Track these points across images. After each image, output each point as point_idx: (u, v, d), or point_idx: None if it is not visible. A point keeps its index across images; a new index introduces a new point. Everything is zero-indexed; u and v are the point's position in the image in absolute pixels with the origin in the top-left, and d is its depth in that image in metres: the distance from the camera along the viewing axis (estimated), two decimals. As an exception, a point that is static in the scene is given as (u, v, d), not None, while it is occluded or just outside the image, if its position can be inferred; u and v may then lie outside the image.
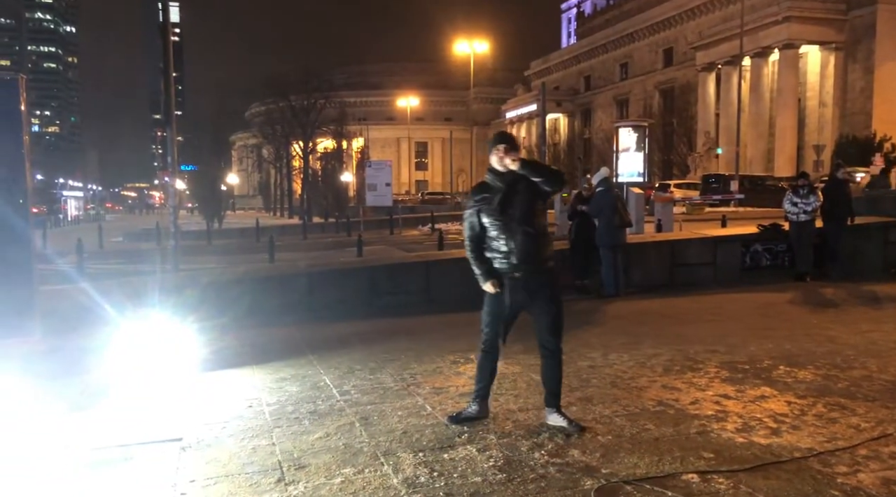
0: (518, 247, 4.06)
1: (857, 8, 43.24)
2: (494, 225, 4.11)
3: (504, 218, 4.07)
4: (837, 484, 3.39)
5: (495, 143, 4.13)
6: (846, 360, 5.84)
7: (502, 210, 4.06)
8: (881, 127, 40.50)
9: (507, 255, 4.10)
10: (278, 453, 3.99)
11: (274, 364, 6.13)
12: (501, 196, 4.07)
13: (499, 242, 4.12)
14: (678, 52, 59.15)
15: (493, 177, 4.15)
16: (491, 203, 4.09)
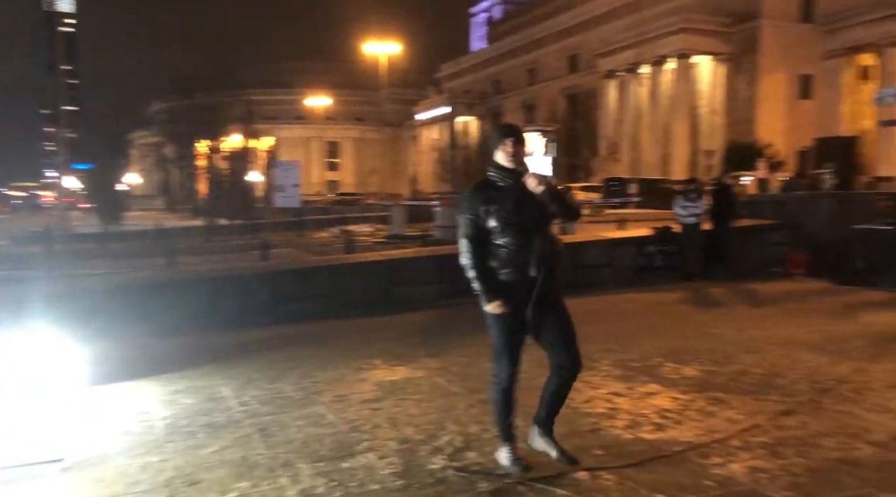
0: (537, 255, 3.50)
1: (743, 22, 46.19)
2: (508, 230, 3.52)
3: (521, 222, 3.51)
4: (711, 474, 3.64)
5: (501, 137, 3.63)
6: (726, 355, 6.24)
7: (519, 212, 3.51)
8: (765, 134, 43.50)
9: (524, 265, 3.52)
10: (170, 469, 3.87)
11: (169, 375, 5.92)
12: (517, 196, 3.53)
13: (511, 250, 3.53)
14: (583, 58, 61.21)
15: (501, 174, 3.61)
16: (503, 204, 3.52)
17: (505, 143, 3.60)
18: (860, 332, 7.23)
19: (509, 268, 3.55)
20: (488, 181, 3.67)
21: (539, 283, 3.53)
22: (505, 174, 3.61)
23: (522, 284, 3.54)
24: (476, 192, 3.65)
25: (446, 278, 10.24)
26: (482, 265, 3.59)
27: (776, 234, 12.55)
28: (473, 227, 3.59)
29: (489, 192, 3.60)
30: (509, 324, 3.60)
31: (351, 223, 29.90)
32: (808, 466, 3.72)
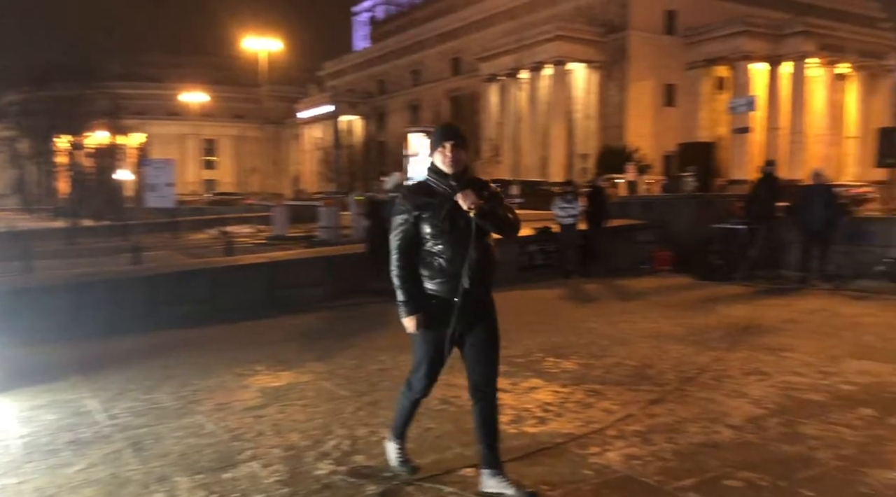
0: (471, 266, 3.28)
1: (613, 32, 48.80)
2: (441, 238, 3.30)
3: (455, 230, 3.29)
4: (590, 463, 3.82)
5: (440, 140, 3.36)
6: (602, 349, 6.57)
7: (453, 220, 3.29)
8: (633, 139, 46.18)
9: (455, 276, 3.30)
10: (30, 492, 3.58)
11: (29, 390, 5.46)
12: (451, 204, 3.28)
13: (444, 259, 3.32)
14: (465, 62, 62.28)
15: (438, 179, 3.36)
16: (438, 211, 3.28)
17: (444, 146, 3.33)
18: (718, 323, 7.83)
19: (441, 278, 3.33)
20: (425, 184, 3.41)
21: (470, 296, 3.32)
22: (441, 179, 3.35)
23: (453, 296, 3.31)
24: (410, 195, 3.41)
25: (332, 280, 10.12)
26: (408, 274, 3.36)
27: (644, 233, 13.36)
28: (404, 233, 3.36)
29: (424, 197, 3.35)
30: (433, 337, 3.41)
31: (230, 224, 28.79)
32: (676, 451, 3.99)
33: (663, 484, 3.54)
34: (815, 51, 47.52)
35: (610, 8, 49.28)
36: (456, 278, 3.30)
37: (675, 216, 13.61)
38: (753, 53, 47.09)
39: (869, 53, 50.98)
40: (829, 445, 4.02)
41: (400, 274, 3.39)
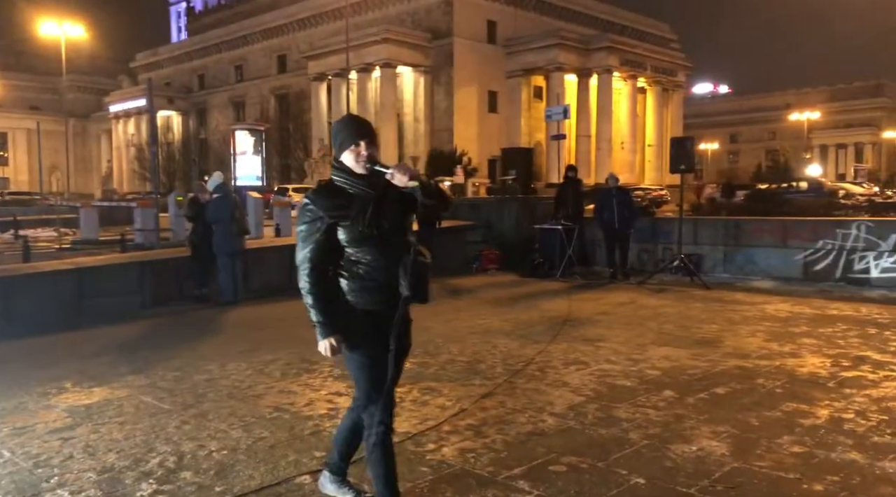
0: (405, 271, 2.88)
1: (439, 38, 50.21)
2: (367, 244, 2.88)
3: (380, 235, 2.87)
4: (426, 460, 3.89)
5: (353, 138, 2.93)
6: (436, 347, 6.73)
7: (377, 224, 2.86)
8: (461, 143, 47.81)
9: (388, 286, 2.89)
10: None
11: None
12: (374, 206, 2.87)
13: (373, 268, 2.89)
14: (292, 59, 60.84)
15: (351, 180, 2.92)
16: (361, 214, 2.85)
17: (359, 145, 2.93)
18: (541, 317, 8.33)
19: (373, 289, 2.90)
20: (334, 186, 2.96)
21: (402, 308, 2.95)
22: (355, 180, 2.93)
23: (386, 308, 2.91)
24: (319, 198, 2.93)
25: (150, 287, 9.42)
26: (321, 290, 2.91)
27: (473, 233, 13.88)
28: (316, 243, 2.90)
29: (337, 199, 2.90)
30: (374, 359, 2.93)
31: (27, 227, 25.77)
32: (506, 441, 4.17)
33: (495, 475, 3.69)
34: (618, 65, 52.15)
35: (435, 15, 50.63)
36: (390, 288, 2.90)
37: (500, 217, 14.27)
38: (566, 65, 50.68)
39: (663, 70, 56.95)
40: (639, 426, 4.41)
41: (312, 290, 2.91)
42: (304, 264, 2.94)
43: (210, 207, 9.64)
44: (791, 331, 7.35)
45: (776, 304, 9.13)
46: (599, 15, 59.66)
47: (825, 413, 4.64)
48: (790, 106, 77.64)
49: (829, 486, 3.49)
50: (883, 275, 10.19)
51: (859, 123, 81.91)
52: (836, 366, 5.86)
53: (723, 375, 5.59)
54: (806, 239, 10.99)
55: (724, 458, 3.86)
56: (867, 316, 8.18)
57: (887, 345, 6.64)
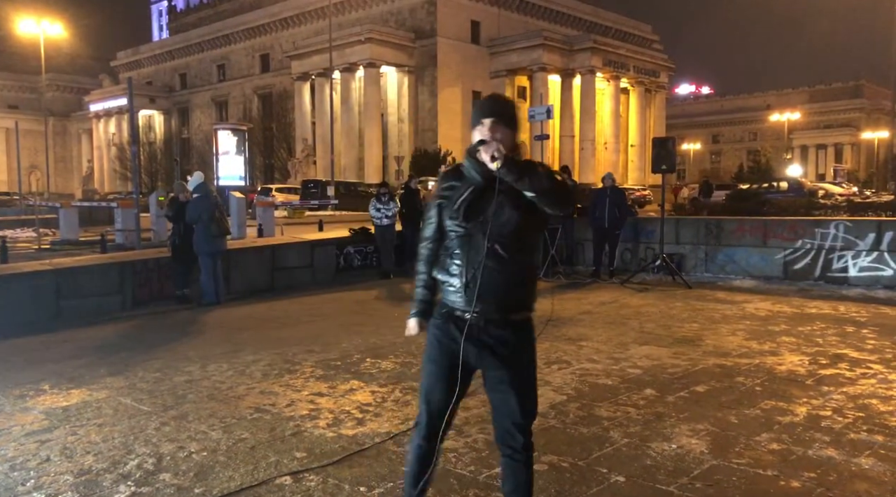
0: (478, 272, 2.52)
1: (423, 38, 50.21)
2: (455, 234, 2.59)
3: (468, 226, 2.54)
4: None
5: (482, 115, 2.60)
6: (418, 347, 6.66)
7: (467, 215, 2.54)
8: (445, 142, 47.83)
9: (460, 282, 2.56)
10: None
11: None
12: (471, 193, 2.55)
13: (454, 261, 2.59)
14: (275, 59, 60.58)
15: (472, 163, 2.56)
16: (453, 199, 2.58)
17: (483, 123, 2.59)
18: (525, 317, 8.34)
19: (449, 283, 2.61)
20: (457, 169, 2.68)
21: (480, 314, 2.55)
22: (476, 164, 2.55)
23: (461, 308, 2.58)
24: (441, 179, 2.71)
25: (130, 287, 9.34)
26: (426, 268, 2.73)
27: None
28: (427, 225, 2.71)
29: (451, 182, 2.63)
30: (439, 353, 2.66)
31: (6, 228, 25.43)
32: (488, 441, 4.16)
33: (476, 474, 3.69)
34: (601, 66, 52.45)
35: (419, 14, 50.63)
36: (465, 285, 2.55)
37: (484, 217, 14.28)
38: (549, 66, 50.89)
39: (645, 71, 57.36)
40: (619, 425, 4.44)
41: (419, 267, 2.77)
42: (421, 242, 2.77)
43: (190, 207, 9.56)
44: (771, 329, 7.42)
45: (756, 302, 9.22)
46: (582, 16, 59.99)
47: (803, 410, 4.69)
48: (771, 107, 78.48)
49: (806, 482, 3.53)
50: (861, 274, 10.33)
51: (839, 124, 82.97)
52: (814, 364, 5.93)
53: (703, 374, 5.64)
54: (786, 238, 11.10)
55: (703, 456, 3.89)
56: (845, 314, 8.28)
57: (864, 343, 6.73)
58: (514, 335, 2.63)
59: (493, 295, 2.54)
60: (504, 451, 2.71)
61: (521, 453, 2.69)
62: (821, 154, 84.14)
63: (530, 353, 2.71)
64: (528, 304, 2.67)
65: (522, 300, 2.64)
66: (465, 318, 2.57)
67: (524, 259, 2.59)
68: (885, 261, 10.16)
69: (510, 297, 2.58)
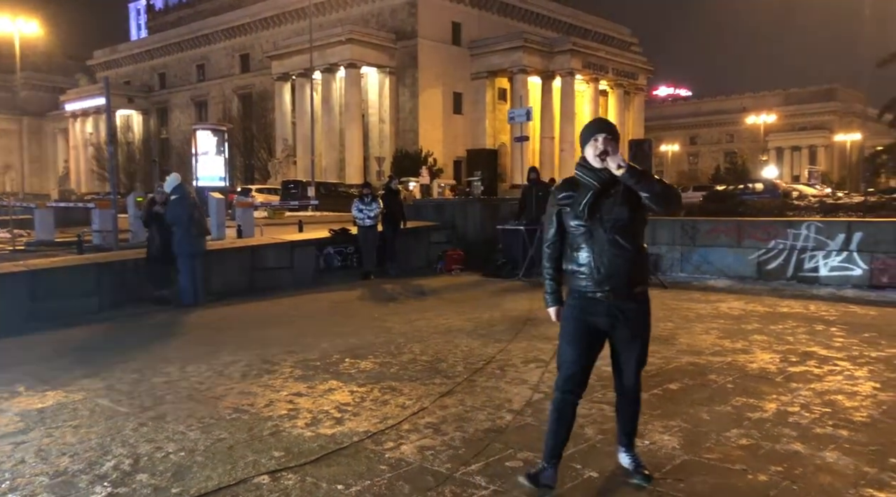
0: (604, 259, 3.26)
1: (403, 39, 50.20)
2: (579, 231, 3.31)
3: (591, 223, 3.27)
4: (385, 459, 3.93)
5: (592, 133, 3.31)
6: (398, 347, 6.77)
7: (591, 213, 3.26)
8: (426, 144, 47.88)
9: (590, 269, 3.29)
10: None
11: None
12: (592, 196, 3.27)
13: (581, 253, 3.32)
14: (255, 58, 60.21)
15: (584, 172, 3.33)
16: (577, 203, 3.30)
17: (596, 139, 3.28)
18: (503, 317, 8.44)
19: (578, 271, 3.34)
20: (571, 179, 3.42)
21: (608, 292, 3.29)
22: (588, 172, 3.33)
23: (590, 290, 3.33)
24: (557, 189, 3.47)
25: (108, 288, 9.28)
26: (554, 265, 3.49)
27: (437, 234, 13.94)
28: (551, 227, 3.47)
29: (569, 190, 3.38)
30: (575, 328, 3.41)
31: (-20, 228, 24.99)
32: (465, 439, 4.24)
33: (453, 471, 3.74)
34: (580, 68, 52.79)
35: (399, 15, 50.61)
36: (592, 270, 3.30)
37: (464, 218, 14.36)
38: (530, 67, 51.12)
39: (624, 73, 57.82)
40: (594, 421, 4.52)
41: (546, 266, 3.53)
42: (544, 245, 3.55)
43: (169, 209, 9.52)
44: (743, 328, 7.57)
45: (730, 302, 9.38)
46: (562, 18, 60.33)
47: (772, 407, 4.81)
48: (747, 109, 79.45)
49: (773, 476, 3.63)
50: (831, 273, 10.55)
51: (813, 126, 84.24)
52: (784, 361, 6.06)
53: (676, 372, 5.75)
54: (759, 239, 11.30)
55: (675, 452, 3.98)
56: (815, 313, 8.46)
57: (832, 341, 6.89)
58: (637, 304, 3.39)
59: (617, 275, 3.27)
60: (621, 392, 3.59)
61: (634, 392, 3.57)
62: (795, 156, 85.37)
63: (648, 318, 3.47)
64: (644, 280, 3.42)
65: (640, 276, 3.38)
66: (598, 298, 3.32)
67: (637, 245, 3.32)
68: (854, 261, 10.38)
69: (631, 275, 3.30)
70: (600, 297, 3.31)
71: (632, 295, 3.33)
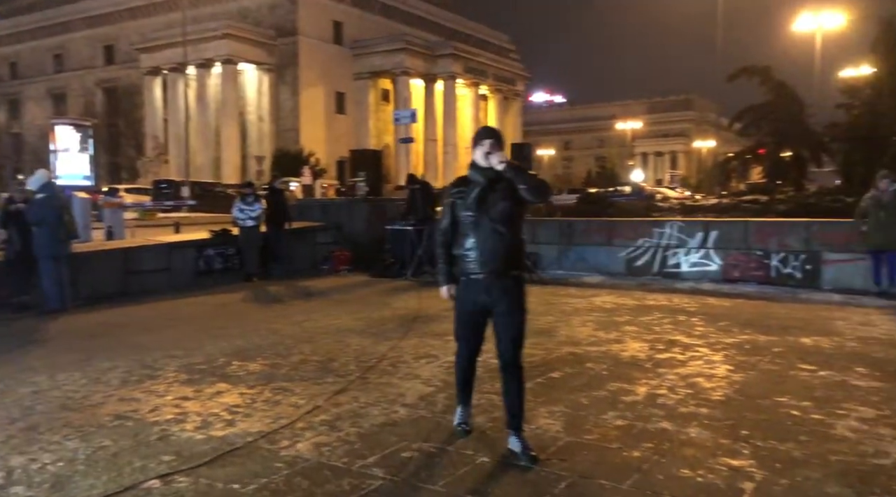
0: (484, 245, 3.80)
1: (283, 36, 49.11)
2: (467, 220, 3.86)
3: (478, 214, 3.82)
4: (281, 457, 3.93)
5: (481, 138, 3.91)
6: (287, 348, 6.70)
7: (478, 205, 3.82)
8: (308, 143, 47.09)
9: (475, 254, 3.83)
10: None
11: None
12: (479, 191, 3.83)
13: (468, 239, 3.86)
14: (121, 51, 56.69)
15: (474, 171, 3.91)
16: (467, 196, 3.86)
17: (483, 144, 3.86)
18: (392, 315, 8.54)
19: (465, 255, 3.88)
20: (464, 177, 3.99)
21: (486, 274, 3.83)
22: (477, 171, 3.90)
23: (473, 271, 3.87)
24: (451, 185, 4.05)
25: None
26: (445, 250, 4.04)
27: (323, 234, 13.82)
28: (445, 218, 4.01)
29: (461, 186, 3.94)
30: (460, 304, 4.03)
31: None
32: (360, 434, 4.31)
33: (350, 465, 3.81)
34: (462, 72, 53.92)
35: (279, 12, 49.46)
36: (475, 254, 3.84)
37: (351, 218, 14.33)
38: (412, 70, 51.57)
39: (503, 78, 59.66)
40: (484, 411, 4.73)
41: (439, 252, 4.09)
42: (438, 233, 4.08)
43: (34, 208, 8.86)
44: (616, 320, 8.12)
45: (603, 296, 10.00)
46: (444, 22, 61.30)
47: (643, 390, 5.23)
48: (616, 116, 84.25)
49: (645, 451, 3.98)
50: (691, 269, 11.50)
51: (673, 133, 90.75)
52: (652, 349, 6.59)
53: (558, 361, 6.10)
54: (629, 238, 12.12)
55: (559, 434, 4.26)
56: (678, 305, 9.21)
57: (693, 330, 7.55)
58: (514, 284, 3.91)
59: (497, 259, 3.81)
60: (504, 366, 3.99)
61: (514, 367, 3.97)
62: (659, 161, 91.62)
63: (523, 298, 3.95)
64: (519, 265, 3.97)
65: (515, 261, 3.92)
66: (480, 279, 3.85)
67: (514, 234, 3.88)
68: (710, 257, 11.38)
69: (508, 259, 3.85)
70: (482, 278, 3.85)
71: (509, 276, 3.88)
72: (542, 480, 3.60)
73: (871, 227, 9.62)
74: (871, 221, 9.63)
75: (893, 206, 9.54)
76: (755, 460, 3.83)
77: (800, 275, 10.63)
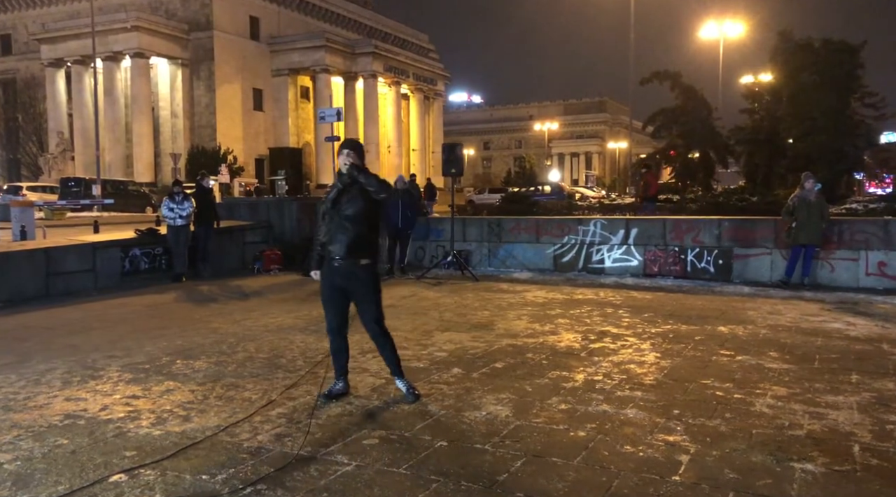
0: (338, 236, 4.69)
1: (197, 31, 47.59)
2: (327, 216, 4.77)
3: (333, 211, 4.71)
4: (245, 448, 4.02)
5: (342, 148, 4.79)
6: (230, 346, 6.70)
7: (333, 204, 4.72)
8: (225, 141, 45.88)
9: (331, 244, 4.73)
10: None
11: None
12: (336, 192, 4.73)
13: (328, 232, 4.75)
14: (19, 40, 53.44)
15: (337, 176, 4.81)
16: (329, 196, 4.77)
17: (342, 153, 4.76)
18: (331, 313, 8.61)
19: (327, 244, 4.78)
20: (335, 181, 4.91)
21: (339, 262, 4.73)
22: (339, 176, 4.78)
23: (331, 258, 4.78)
24: (330, 188, 4.88)
25: None
26: (317, 241, 4.90)
27: (253, 233, 13.66)
28: (318, 214, 5.01)
29: (328, 188, 4.93)
30: (323, 288, 4.92)
31: None
32: (319, 424, 4.43)
33: (314, 453, 3.94)
34: (382, 71, 53.83)
35: (192, 6, 47.93)
36: (332, 245, 4.75)
37: (280, 217, 14.22)
38: (332, 68, 51.06)
39: (424, 78, 59.95)
40: (436, 400, 4.95)
41: (314, 242, 4.97)
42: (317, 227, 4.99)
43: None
44: (548, 313, 8.51)
45: (534, 291, 10.41)
46: (363, 20, 61.01)
47: (581, 377, 5.58)
48: (533, 117, 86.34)
49: (590, 431, 4.30)
50: (614, 264, 12.10)
51: (588, 135, 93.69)
52: (585, 340, 6.98)
53: (499, 353, 6.39)
54: (555, 235, 12.61)
55: (509, 419, 4.52)
56: (605, 299, 9.72)
57: (621, 321, 8.02)
58: (363, 272, 4.81)
59: (346, 249, 4.71)
60: (374, 338, 5.01)
61: (382, 336, 4.98)
62: (575, 161, 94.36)
63: (375, 281, 4.89)
64: (368, 255, 4.80)
65: (363, 252, 4.77)
66: (336, 265, 4.77)
67: (361, 228, 4.73)
68: (632, 253, 12.02)
69: (354, 249, 4.72)
70: (337, 265, 4.74)
71: (358, 264, 4.74)
72: (498, 460, 3.85)
73: (798, 224, 10.39)
74: (798, 219, 10.39)
75: (817, 206, 10.37)
76: (688, 436, 4.21)
77: (713, 269, 11.39)
